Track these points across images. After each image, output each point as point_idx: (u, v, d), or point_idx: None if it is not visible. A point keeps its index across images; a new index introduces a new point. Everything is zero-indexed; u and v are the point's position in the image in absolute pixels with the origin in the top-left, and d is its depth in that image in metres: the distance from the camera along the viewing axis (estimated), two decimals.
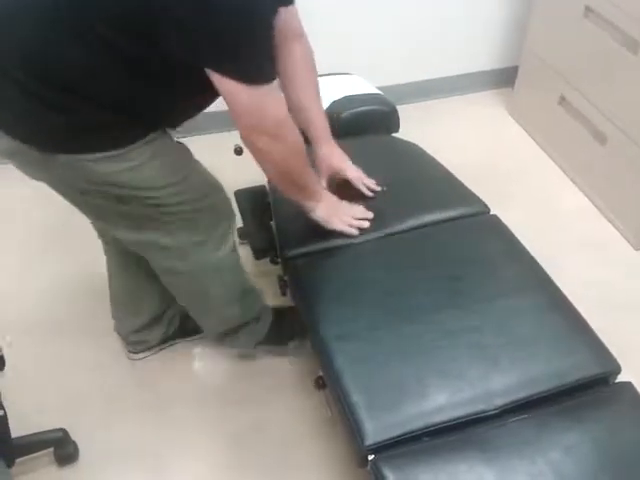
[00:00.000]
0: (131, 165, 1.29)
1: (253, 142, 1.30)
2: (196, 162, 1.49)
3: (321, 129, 1.65)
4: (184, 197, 1.41)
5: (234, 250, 1.63)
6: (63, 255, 2.24)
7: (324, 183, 1.69)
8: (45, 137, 1.25)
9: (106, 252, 1.79)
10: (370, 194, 1.73)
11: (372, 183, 1.74)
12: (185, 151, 1.47)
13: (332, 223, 1.61)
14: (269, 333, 1.85)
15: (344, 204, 1.66)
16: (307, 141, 1.69)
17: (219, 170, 2.10)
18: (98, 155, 1.25)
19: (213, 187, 1.52)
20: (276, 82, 1.27)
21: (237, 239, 1.60)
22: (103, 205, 1.37)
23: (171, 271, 1.60)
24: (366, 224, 1.66)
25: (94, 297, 1.98)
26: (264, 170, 1.41)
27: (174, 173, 1.38)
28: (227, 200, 1.57)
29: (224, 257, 1.58)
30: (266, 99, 1.25)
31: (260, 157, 1.34)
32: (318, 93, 1.62)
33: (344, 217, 1.63)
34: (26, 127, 1.25)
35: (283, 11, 1.41)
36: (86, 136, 1.25)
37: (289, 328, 1.87)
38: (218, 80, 1.17)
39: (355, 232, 1.64)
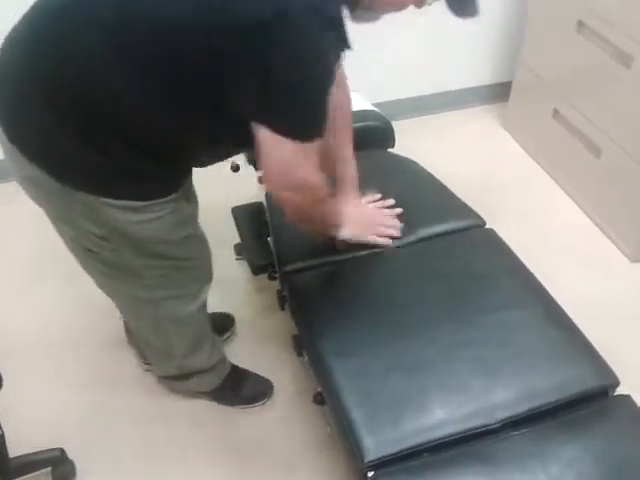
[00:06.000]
0: (148, 217, 1.27)
1: (278, 195, 1.29)
2: (197, 224, 1.48)
3: (344, 181, 1.65)
4: (176, 254, 1.40)
5: (204, 307, 1.61)
6: (63, 271, 2.24)
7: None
8: (73, 173, 1.20)
9: None
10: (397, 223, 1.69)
11: (389, 205, 1.72)
12: (193, 212, 1.47)
13: (363, 237, 1.62)
14: (223, 388, 1.82)
15: (369, 213, 1.66)
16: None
17: (216, 187, 2.10)
18: (124, 203, 1.22)
19: (204, 251, 1.51)
20: (317, 144, 1.19)
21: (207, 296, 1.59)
22: (94, 250, 1.33)
23: (137, 316, 1.59)
24: (396, 232, 1.65)
25: (94, 314, 1.98)
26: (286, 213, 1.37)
27: (176, 232, 1.36)
28: (210, 264, 1.56)
29: (193, 313, 1.55)
30: (303, 161, 1.20)
31: (281, 204, 1.31)
32: (350, 141, 1.63)
33: (374, 228, 1.63)
34: (55, 159, 1.19)
35: None
36: (118, 181, 1.21)
37: (246, 391, 1.85)
38: (264, 132, 1.12)
39: (388, 242, 1.64)
